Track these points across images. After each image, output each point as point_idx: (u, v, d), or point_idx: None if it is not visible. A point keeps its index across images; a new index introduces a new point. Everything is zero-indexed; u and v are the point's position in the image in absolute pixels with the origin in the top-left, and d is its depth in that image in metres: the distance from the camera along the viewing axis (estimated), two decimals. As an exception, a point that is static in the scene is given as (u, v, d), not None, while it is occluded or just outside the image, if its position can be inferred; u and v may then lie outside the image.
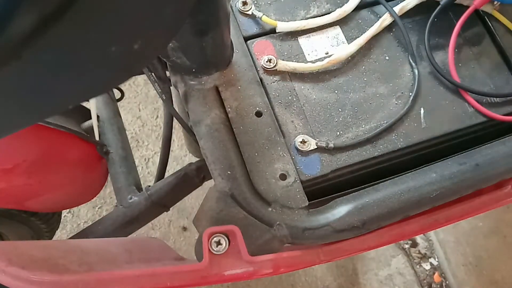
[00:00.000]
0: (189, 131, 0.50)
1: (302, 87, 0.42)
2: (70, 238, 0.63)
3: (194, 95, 0.41)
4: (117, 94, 0.74)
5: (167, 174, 0.67)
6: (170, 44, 0.35)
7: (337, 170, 0.40)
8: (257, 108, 0.41)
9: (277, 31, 0.44)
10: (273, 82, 0.43)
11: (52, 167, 0.59)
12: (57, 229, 0.77)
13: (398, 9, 0.45)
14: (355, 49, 0.43)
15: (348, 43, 0.44)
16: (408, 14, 0.45)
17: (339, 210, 0.37)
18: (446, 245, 1.16)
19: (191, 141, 0.66)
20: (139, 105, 1.29)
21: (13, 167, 0.54)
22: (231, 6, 0.45)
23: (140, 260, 0.42)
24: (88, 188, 0.69)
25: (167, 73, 0.47)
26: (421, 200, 0.38)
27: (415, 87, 0.42)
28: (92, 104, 0.66)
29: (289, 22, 0.44)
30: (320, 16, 0.45)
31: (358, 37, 0.44)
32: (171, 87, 0.51)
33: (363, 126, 0.41)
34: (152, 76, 0.48)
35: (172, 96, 0.56)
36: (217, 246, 0.36)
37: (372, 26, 0.44)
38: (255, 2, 0.46)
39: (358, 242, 0.39)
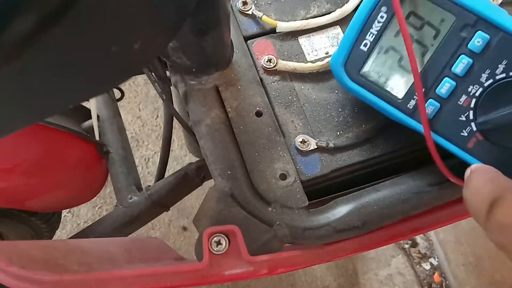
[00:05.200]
0: (189, 131, 0.50)
1: (302, 87, 0.42)
2: (70, 238, 0.63)
3: (194, 95, 0.41)
4: (117, 94, 0.74)
5: (167, 174, 0.68)
6: (170, 44, 0.35)
7: (337, 170, 0.40)
8: (257, 108, 0.41)
9: (277, 31, 0.44)
10: (273, 82, 0.43)
11: (52, 167, 0.59)
12: (57, 229, 0.77)
13: (398, 9, 0.45)
14: (355, 49, 0.43)
15: (348, 43, 0.44)
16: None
17: (339, 210, 0.37)
18: (446, 245, 1.16)
19: (191, 141, 0.66)
20: (139, 105, 1.29)
21: (13, 167, 0.54)
22: (231, 6, 0.45)
23: (140, 260, 0.42)
24: (88, 188, 0.69)
25: (167, 73, 0.47)
26: (421, 200, 0.38)
27: None
28: (92, 104, 0.66)
29: (289, 22, 0.44)
30: (320, 16, 0.45)
31: (358, 37, 0.44)
32: (171, 87, 0.51)
33: (363, 126, 0.41)
34: (152, 76, 0.48)
35: (172, 96, 0.56)
36: (217, 246, 0.36)
37: (372, 26, 0.44)
38: (255, 2, 0.46)
39: (358, 242, 0.39)
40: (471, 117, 0.33)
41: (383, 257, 1.16)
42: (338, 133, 0.41)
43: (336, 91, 0.42)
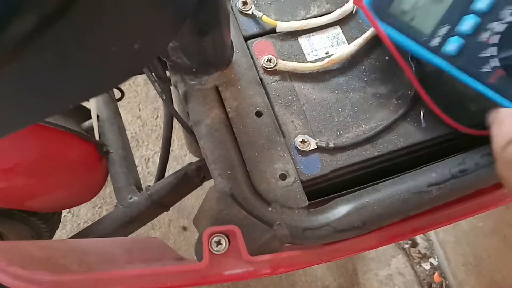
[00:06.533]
0: (189, 131, 0.50)
1: (302, 87, 0.42)
2: (70, 238, 0.63)
3: (194, 95, 0.41)
4: (117, 94, 0.74)
5: (167, 174, 0.67)
6: (170, 44, 0.35)
7: (337, 170, 0.40)
8: (257, 108, 0.41)
9: (277, 31, 0.44)
10: (273, 82, 0.43)
11: (52, 166, 0.59)
12: (57, 229, 0.77)
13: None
14: (355, 49, 0.43)
15: (348, 43, 0.44)
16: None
17: (339, 210, 0.37)
18: (446, 245, 1.16)
19: (191, 141, 0.66)
20: (139, 105, 1.29)
21: (13, 167, 0.54)
22: (231, 6, 0.45)
23: (140, 260, 0.42)
24: (88, 188, 0.69)
25: (167, 73, 0.47)
26: (421, 200, 0.38)
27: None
28: (92, 104, 0.66)
29: (289, 22, 0.44)
30: (320, 16, 0.45)
31: (358, 37, 0.44)
32: (171, 87, 0.51)
33: (363, 126, 0.41)
34: (152, 76, 0.48)
35: (172, 96, 0.56)
36: (217, 246, 0.36)
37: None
38: (255, 2, 0.46)
39: (358, 242, 0.39)
40: (494, 53, 0.34)
41: (383, 257, 1.16)
42: (338, 133, 0.41)
43: (336, 91, 0.42)
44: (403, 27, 0.37)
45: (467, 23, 0.34)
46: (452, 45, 0.36)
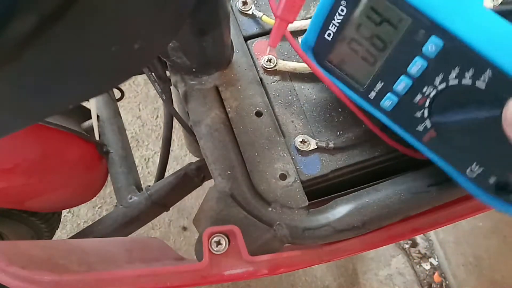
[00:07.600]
0: (189, 131, 0.50)
1: (302, 87, 0.42)
2: (70, 238, 0.63)
3: (194, 95, 0.41)
4: (117, 94, 0.74)
5: (167, 174, 0.68)
6: (170, 44, 0.35)
7: (337, 170, 0.40)
8: (257, 108, 0.41)
9: (277, 31, 0.44)
10: (273, 82, 0.43)
11: (52, 166, 0.59)
12: (57, 229, 0.77)
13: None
14: (355, 49, 0.43)
15: (348, 43, 0.44)
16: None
17: (339, 210, 0.37)
18: (446, 245, 1.16)
19: (191, 141, 0.66)
20: (139, 105, 1.29)
21: (13, 167, 0.54)
22: (231, 6, 0.45)
23: (140, 260, 0.42)
24: (88, 188, 0.69)
25: (167, 73, 0.47)
26: (421, 200, 0.38)
27: None
28: (92, 104, 0.66)
29: (289, 22, 0.44)
30: (320, 16, 0.45)
31: (358, 37, 0.44)
32: (171, 87, 0.51)
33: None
34: (152, 75, 0.48)
35: (172, 96, 0.56)
36: (217, 246, 0.36)
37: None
38: (255, 2, 0.46)
39: (358, 242, 0.39)
40: (425, 115, 0.33)
41: (383, 257, 1.16)
42: (338, 133, 0.41)
43: (336, 91, 0.42)
44: (342, 76, 0.37)
45: (401, 84, 0.33)
46: (388, 102, 0.35)
